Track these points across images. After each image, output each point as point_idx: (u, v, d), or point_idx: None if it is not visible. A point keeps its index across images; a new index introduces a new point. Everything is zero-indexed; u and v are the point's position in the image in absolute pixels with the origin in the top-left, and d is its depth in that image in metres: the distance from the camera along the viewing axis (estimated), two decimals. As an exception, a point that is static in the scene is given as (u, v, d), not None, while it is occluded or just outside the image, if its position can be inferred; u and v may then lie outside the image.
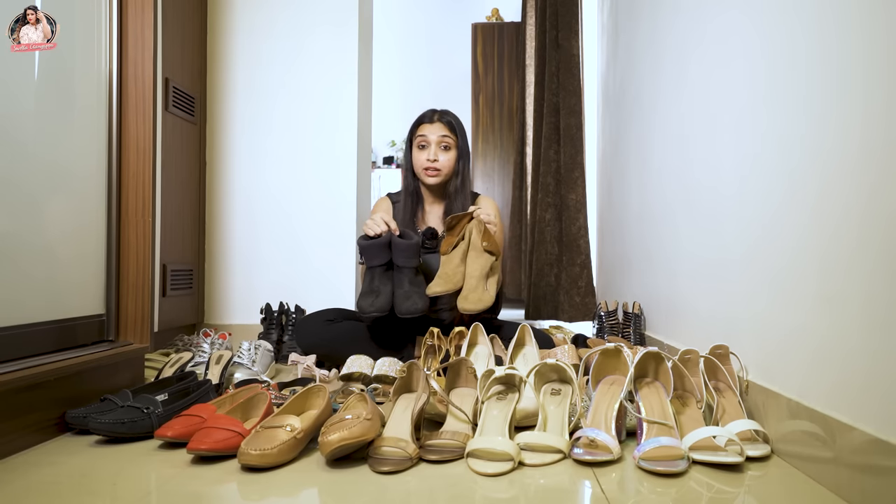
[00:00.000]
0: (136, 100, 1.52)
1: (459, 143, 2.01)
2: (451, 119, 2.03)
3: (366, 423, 1.02)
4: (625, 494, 0.92)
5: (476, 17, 4.66)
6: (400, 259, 1.71)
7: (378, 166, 5.37)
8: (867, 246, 0.84)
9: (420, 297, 1.70)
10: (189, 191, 2.32)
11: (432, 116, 2.02)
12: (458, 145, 2.00)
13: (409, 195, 2.04)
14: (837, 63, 0.93)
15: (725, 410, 1.17)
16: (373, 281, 1.71)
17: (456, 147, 2.00)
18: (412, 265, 1.73)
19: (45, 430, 1.15)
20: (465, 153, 2.03)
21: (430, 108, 2.06)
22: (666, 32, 1.90)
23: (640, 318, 2.10)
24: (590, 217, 3.06)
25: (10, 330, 1.17)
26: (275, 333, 2.18)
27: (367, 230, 1.76)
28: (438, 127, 1.99)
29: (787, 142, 1.08)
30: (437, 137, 1.98)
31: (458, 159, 2.01)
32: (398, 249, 1.71)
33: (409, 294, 1.70)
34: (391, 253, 1.72)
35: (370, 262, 1.72)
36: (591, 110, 3.24)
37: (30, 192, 1.25)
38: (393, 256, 1.72)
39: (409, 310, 1.68)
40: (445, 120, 2.01)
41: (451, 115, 2.05)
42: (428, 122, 2.01)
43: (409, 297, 1.69)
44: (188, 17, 2.30)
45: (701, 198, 1.54)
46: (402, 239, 1.73)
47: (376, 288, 1.70)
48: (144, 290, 1.49)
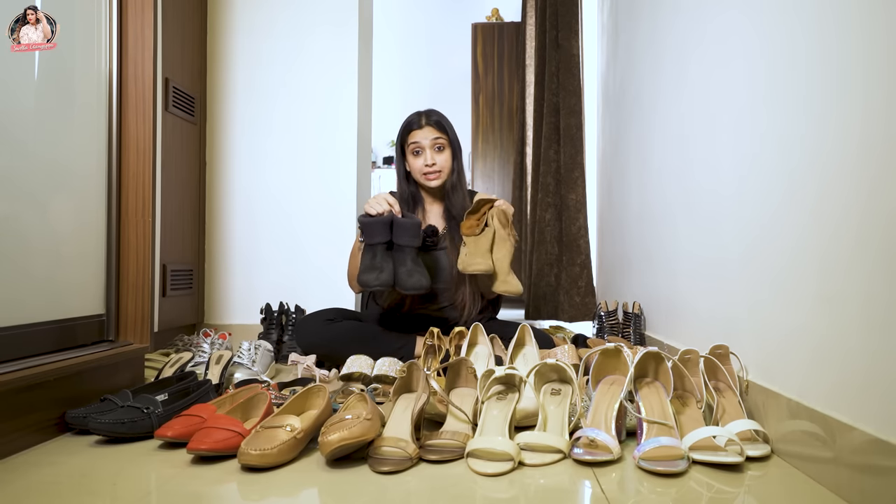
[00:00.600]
0: (136, 100, 1.52)
1: (451, 139, 2.00)
2: (438, 118, 2.00)
3: (366, 423, 1.02)
4: (625, 494, 0.92)
5: (476, 17, 4.66)
6: (403, 238, 1.71)
7: (378, 166, 5.37)
8: (867, 246, 0.84)
9: (423, 276, 1.71)
10: (189, 191, 2.32)
11: (419, 121, 1.98)
12: (450, 141, 1.99)
13: (405, 201, 2.02)
14: (837, 62, 0.93)
15: (725, 410, 1.17)
16: (374, 258, 1.70)
17: (449, 144, 1.99)
18: (414, 244, 1.73)
19: (45, 430, 1.15)
20: (457, 147, 2.02)
21: (414, 112, 2.03)
22: (666, 32, 1.90)
23: (640, 318, 2.10)
24: (590, 217, 3.06)
25: (10, 330, 1.17)
26: (275, 333, 2.18)
27: (369, 208, 1.76)
28: (429, 130, 1.97)
29: (786, 141, 1.08)
30: (429, 141, 1.96)
31: (453, 157, 2.01)
32: (401, 228, 1.71)
33: (411, 272, 1.69)
34: (392, 232, 1.72)
35: (371, 238, 1.71)
36: (591, 110, 3.24)
37: (30, 193, 1.25)
38: (394, 235, 1.72)
39: (413, 285, 1.67)
40: (433, 120, 1.98)
41: (436, 113, 2.03)
42: (417, 127, 1.98)
43: (412, 275, 1.69)
44: (188, 17, 2.30)
45: (701, 198, 1.54)
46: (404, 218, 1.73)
47: (378, 265, 1.69)
48: (144, 290, 1.49)
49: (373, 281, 1.66)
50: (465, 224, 1.83)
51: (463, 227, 1.83)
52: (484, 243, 1.79)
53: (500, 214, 1.81)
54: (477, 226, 1.83)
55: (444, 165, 1.98)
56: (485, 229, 1.81)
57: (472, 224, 1.83)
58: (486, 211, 1.83)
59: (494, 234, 1.81)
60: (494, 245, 1.80)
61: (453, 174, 2.01)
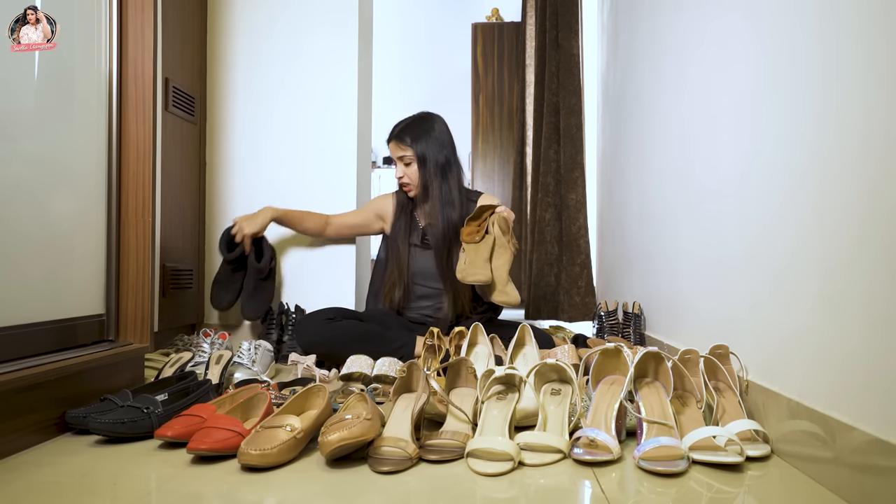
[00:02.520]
0: (136, 100, 1.52)
1: (416, 151, 2.01)
2: (407, 132, 2.03)
3: (366, 423, 1.02)
4: (625, 494, 0.92)
5: (476, 17, 4.66)
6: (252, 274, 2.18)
7: (378, 166, 5.37)
8: (868, 245, 0.84)
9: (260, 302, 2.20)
10: (189, 191, 2.32)
11: (392, 132, 2.07)
12: (416, 155, 2.01)
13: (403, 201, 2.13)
14: (837, 62, 0.93)
15: (725, 410, 1.17)
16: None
17: (415, 159, 2.02)
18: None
19: (45, 430, 1.15)
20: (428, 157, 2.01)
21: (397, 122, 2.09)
22: (666, 32, 1.90)
23: (640, 318, 2.10)
24: (590, 217, 3.06)
25: (10, 330, 1.17)
26: (275, 333, 2.18)
27: (234, 230, 2.11)
28: (394, 145, 2.06)
29: (787, 141, 1.08)
30: (396, 156, 2.06)
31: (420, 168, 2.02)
32: (252, 268, 2.17)
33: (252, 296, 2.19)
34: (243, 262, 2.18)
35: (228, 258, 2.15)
36: (591, 110, 3.24)
37: (30, 192, 1.25)
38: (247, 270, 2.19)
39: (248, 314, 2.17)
40: (401, 137, 2.03)
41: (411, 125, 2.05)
42: (389, 139, 2.08)
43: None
44: (188, 17, 2.30)
45: (701, 197, 1.54)
46: (256, 262, 2.15)
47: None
48: (144, 290, 1.49)
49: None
50: (465, 230, 1.82)
51: (463, 234, 1.82)
52: (484, 251, 1.78)
53: (500, 221, 1.80)
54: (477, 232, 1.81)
55: (413, 179, 2.04)
56: (485, 236, 1.80)
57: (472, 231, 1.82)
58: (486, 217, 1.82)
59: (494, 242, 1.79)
60: (494, 253, 1.79)
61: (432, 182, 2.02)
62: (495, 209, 1.84)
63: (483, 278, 1.73)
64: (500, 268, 1.78)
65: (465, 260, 1.79)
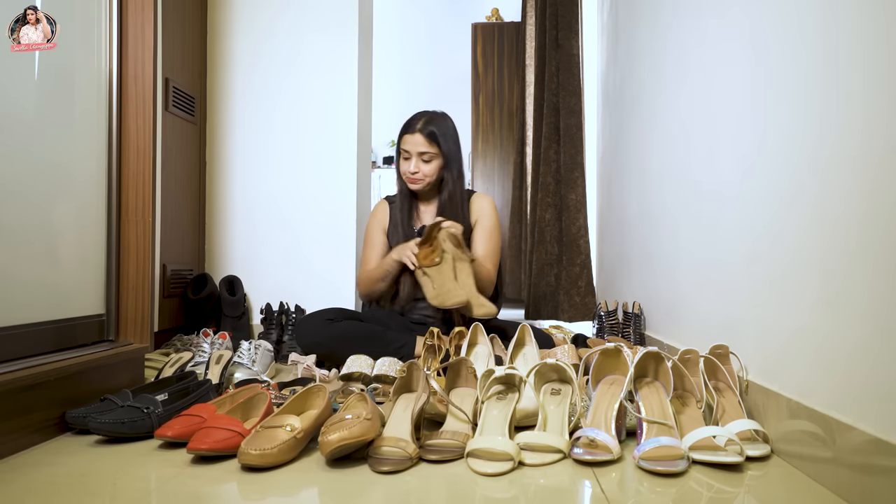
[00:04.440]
0: (136, 100, 1.52)
1: (444, 150, 1.95)
2: (435, 128, 1.94)
3: (366, 423, 1.02)
4: (625, 494, 0.92)
5: (476, 17, 4.66)
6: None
7: (378, 166, 5.37)
8: (868, 246, 0.84)
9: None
10: (189, 191, 2.32)
11: (415, 125, 1.95)
12: (442, 152, 1.95)
13: (405, 197, 2.05)
14: (838, 62, 0.93)
15: (725, 410, 1.17)
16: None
17: (440, 156, 1.95)
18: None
19: (45, 430, 1.15)
20: (452, 158, 1.97)
21: (418, 112, 2.00)
22: (666, 32, 1.90)
23: (639, 317, 2.10)
24: (590, 217, 3.06)
25: (10, 330, 1.17)
26: (275, 333, 2.18)
27: (405, 259, 1.86)
28: (419, 140, 1.93)
29: (787, 142, 1.08)
30: (417, 151, 1.94)
31: (442, 167, 1.97)
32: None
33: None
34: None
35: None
36: (591, 110, 3.24)
37: (30, 192, 1.25)
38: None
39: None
40: (427, 131, 1.93)
41: (435, 121, 1.96)
42: (410, 132, 1.95)
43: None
44: (188, 17, 2.30)
45: (701, 197, 1.54)
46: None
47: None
48: (144, 290, 1.49)
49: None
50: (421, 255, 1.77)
51: (420, 259, 1.77)
52: (447, 271, 1.73)
53: (449, 237, 1.76)
54: (433, 253, 1.77)
55: (429, 174, 1.97)
56: (443, 255, 1.76)
57: (427, 254, 1.77)
58: (435, 236, 1.78)
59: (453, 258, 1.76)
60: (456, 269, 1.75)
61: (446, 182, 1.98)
62: (440, 225, 1.78)
63: (462, 299, 1.69)
64: (467, 282, 1.73)
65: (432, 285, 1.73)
